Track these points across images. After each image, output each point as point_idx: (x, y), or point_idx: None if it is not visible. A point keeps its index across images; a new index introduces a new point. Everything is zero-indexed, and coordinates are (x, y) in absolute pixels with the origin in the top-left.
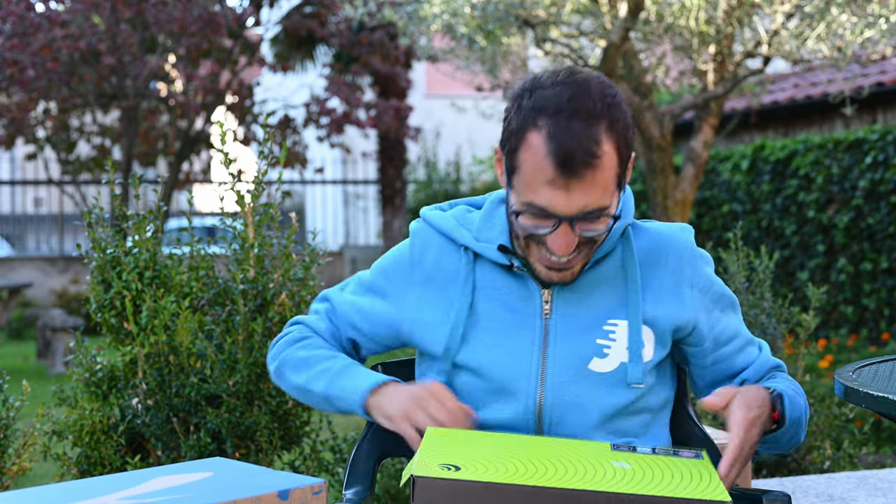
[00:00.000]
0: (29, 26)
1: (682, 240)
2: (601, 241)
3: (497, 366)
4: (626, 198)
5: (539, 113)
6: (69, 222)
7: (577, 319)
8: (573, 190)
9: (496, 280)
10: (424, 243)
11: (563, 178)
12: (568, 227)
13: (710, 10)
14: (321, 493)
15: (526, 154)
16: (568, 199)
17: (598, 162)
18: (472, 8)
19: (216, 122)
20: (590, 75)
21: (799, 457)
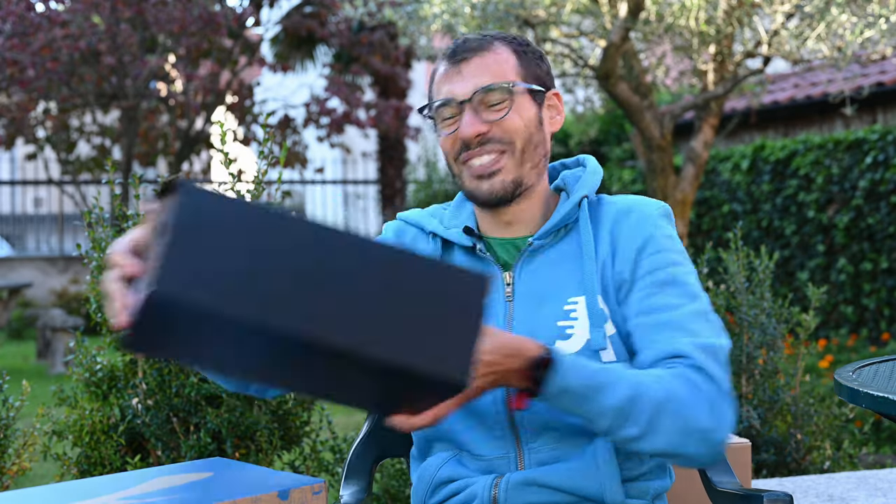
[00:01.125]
0: (29, 26)
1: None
2: (520, 142)
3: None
4: (585, 174)
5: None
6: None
7: (537, 301)
8: (463, 72)
9: (463, 264)
10: (398, 233)
11: (454, 66)
12: (471, 110)
13: (710, 10)
14: (321, 493)
15: (434, 75)
16: (461, 80)
17: (487, 50)
18: (472, 8)
19: (216, 122)
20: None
21: (799, 457)
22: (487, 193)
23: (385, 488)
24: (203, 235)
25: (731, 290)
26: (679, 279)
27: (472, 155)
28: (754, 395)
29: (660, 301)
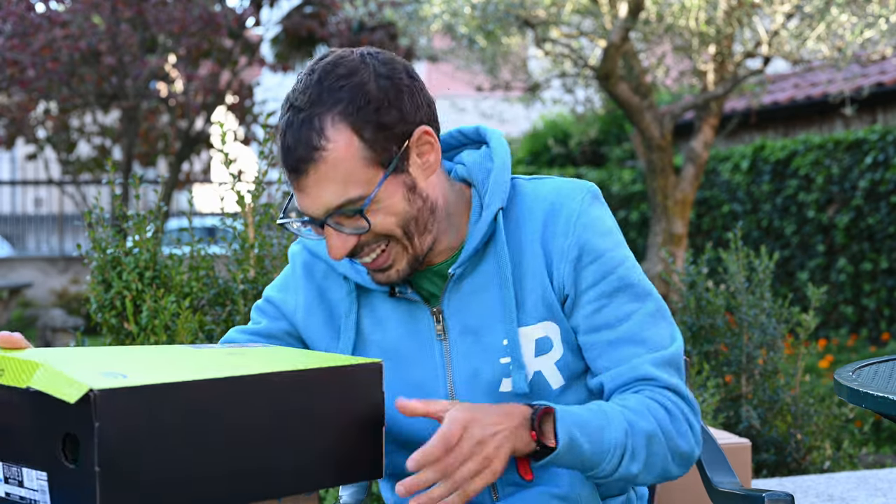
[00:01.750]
0: (29, 26)
1: (556, 200)
2: (399, 229)
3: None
4: (494, 168)
5: (281, 110)
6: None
7: (474, 338)
8: (307, 189)
9: (385, 306)
10: (307, 269)
11: (294, 179)
12: (330, 229)
13: (710, 10)
14: (312, 493)
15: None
16: (309, 200)
17: (321, 154)
18: (472, 8)
19: (216, 122)
20: (338, 55)
21: (799, 457)
22: (387, 282)
23: None
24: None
25: (731, 290)
26: (626, 281)
27: (354, 257)
28: (754, 395)
29: (611, 314)
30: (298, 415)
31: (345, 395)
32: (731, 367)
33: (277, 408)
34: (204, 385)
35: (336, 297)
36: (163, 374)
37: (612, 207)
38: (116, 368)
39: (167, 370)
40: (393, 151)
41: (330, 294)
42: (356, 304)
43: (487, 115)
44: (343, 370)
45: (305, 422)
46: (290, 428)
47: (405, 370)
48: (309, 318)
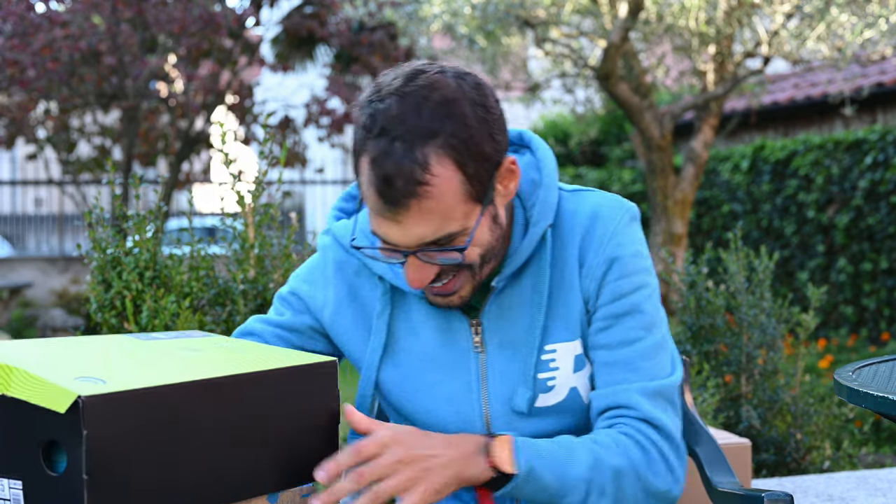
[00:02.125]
0: (29, 26)
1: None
2: (480, 262)
3: (434, 416)
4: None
5: (368, 134)
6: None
7: (512, 352)
8: (403, 222)
9: (419, 310)
10: (339, 265)
11: (388, 210)
12: (416, 260)
13: (709, 10)
14: (309, 495)
15: (361, 180)
16: (401, 231)
17: (426, 189)
18: (472, 8)
19: (216, 122)
20: (431, 80)
21: (799, 457)
22: (446, 306)
23: None
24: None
25: (731, 290)
26: (639, 307)
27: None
28: (754, 395)
29: (613, 336)
30: (265, 414)
31: (303, 395)
32: (731, 367)
33: (247, 409)
34: (181, 388)
35: (369, 295)
36: (139, 377)
37: None
38: (88, 371)
39: (141, 372)
40: (487, 184)
41: (362, 292)
42: (390, 306)
43: None
44: (302, 369)
45: (270, 422)
46: (255, 429)
47: (438, 380)
48: (337, 316)
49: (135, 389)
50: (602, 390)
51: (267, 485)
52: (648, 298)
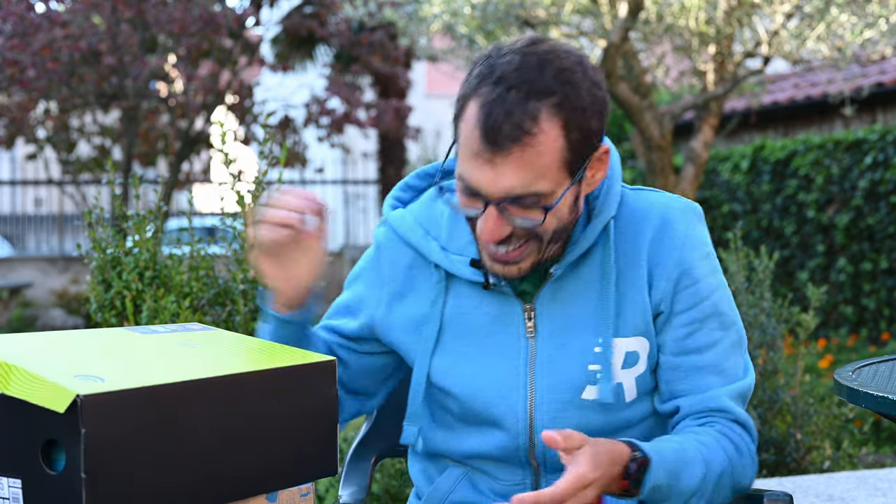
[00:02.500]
0: (29, 26)
1: (669, 215)
2: (551, 237)
3: (480, 399)
4: (605, 190)
5: (483, 80)
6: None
7: (563, 341)
8: (498, 166)
9: (473, 296)
10: (393, 258)
11: (488, 151)
12: (495, 211)
13: (709, 10)
14: (308, 494)
15: (462, 124)
16: (493, 176)
17: (531, 139)
18: (472, 8)
19: (216, 122)
20: (555, 47)
21: (799, 457)
22: (496, 275)
23: (385, 488)
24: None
25: (731, 290)
26: (717, 309)
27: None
28: (754, 395)
29: (699, 340)
30: (263, 414)
31: (303, 394)
32: None
33: (246, 408)
34: (180, 387)
35: (423, 286)
36: (138, 375)
37: None
38: (86, 368)
39: (140, 370)
40: (583, 160)
41: (416, 283)
42: (444, 294)
43: None
44: (302, 368)
45: (268, 422)
46: (255, 428)
47: (487, 363)
48: (389, 312)
49: (134, 388)
50: (696, 396)
51: (266, 484)
52: (724, 297)
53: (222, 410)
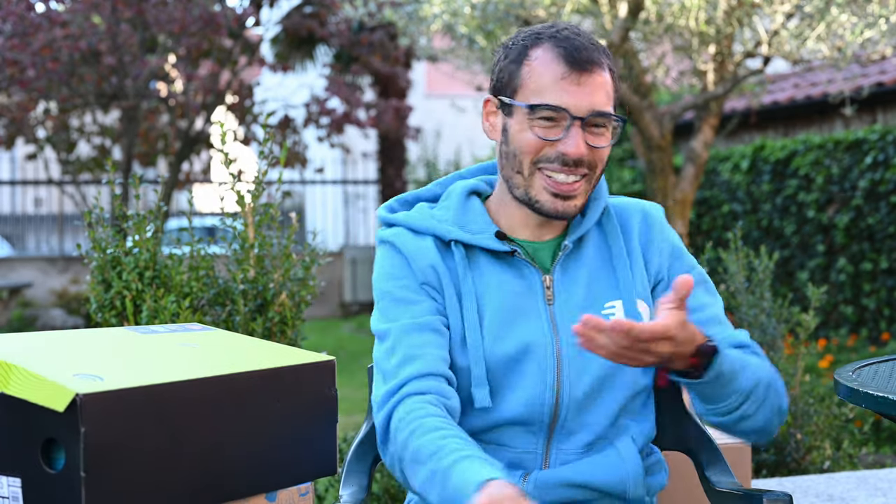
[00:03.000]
0: (29, 26)
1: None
2: (600, 170)
3: (514, 361)
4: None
5: (539, 34)
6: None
7: (577, 305)
8: (584, 85)
9: (493, 270)
10: (409, 250)
11: (575, 71)
12: (579, 128)
13: (710, 10)
14: (308, 494)
15: (532, 65)
16: (580, 93)
17: (604, 68)
18: (472, 8)
19: (216, 122)
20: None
21: (799, 457)
22: (556, 212)
23: (385, 488)
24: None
25: (731, 290)
26: (704, 277)
27: (559, 170)
28: None
29: (699, 300)
30: (263, 414)
31: (302, 394)
32: None
33: (246, 408)
34: (180, 387)
35: (449, 266)
36: (137, 374)
37: None
38: (86, 367)
39: (139, 369)
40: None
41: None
42: (469, 269)
43: None
44: (301, 368)
45: (268, 422)
46: (254, 427)
47: (519, 327)
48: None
49: (133, 387)
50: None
51: (266, 484)
52: (703, 273)
53: (222, 410)
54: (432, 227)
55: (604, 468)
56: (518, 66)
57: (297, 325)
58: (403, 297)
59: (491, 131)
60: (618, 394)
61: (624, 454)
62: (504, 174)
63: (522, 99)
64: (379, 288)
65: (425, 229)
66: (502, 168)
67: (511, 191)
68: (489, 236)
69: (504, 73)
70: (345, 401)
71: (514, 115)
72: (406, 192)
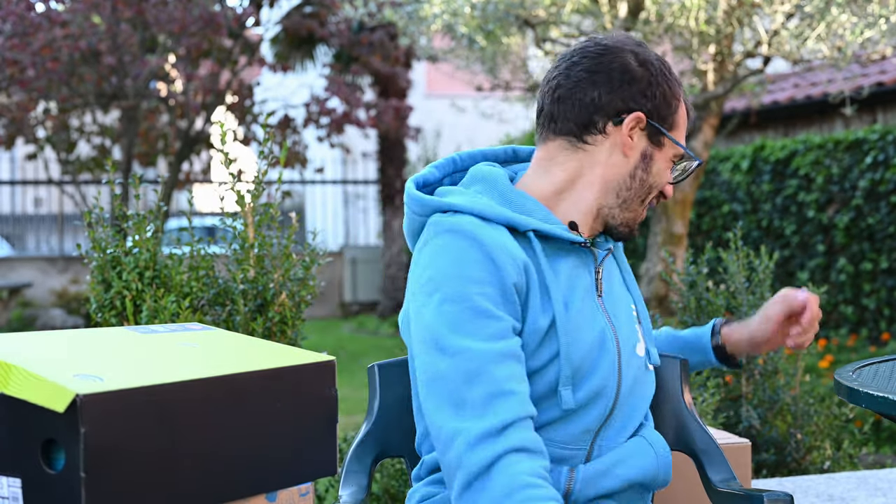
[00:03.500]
0: (29, 26)
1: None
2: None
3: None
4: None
5: (678, 82)
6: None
7: (615, 301)
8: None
9: (564, 261)
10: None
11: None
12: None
13: (710, 10)
14: (308, 494)
15: (681, 110)
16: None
17: None
18: (472, 8)
19: (216, 122)
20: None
21: (799, 457)
22: (629, 237)
23: (385, 488)
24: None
25: (731, 290)
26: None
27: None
28: (754, 395)
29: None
30: (263, 414)
31: (303, 394)
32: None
33: (246, 408)
34: (180, 387)
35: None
36: (137, 374)
37: None
38: (86, 368)
39: (139, 369)
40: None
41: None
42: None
43: (487, 115)
44: (301, 368)
45: (268, 422)
46: (254, 427)
47: (590, 323)
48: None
49: (133, 388)
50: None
51: (266, 484)
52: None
53: (222, 410)
54: (504, 215)
55: (642, 460)
56: (677, 102)
57: (297, 325)
58: (485, 310)
59: (628, 147)
60: (647, 388)
61: (656, 446)
62: (623, 195)
63: (677, 138)
64: (451, 289)
65: (497, 217)
66: (625, 188)
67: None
68: (563, 227)
69: (666, 101)
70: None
71: (664, 149)
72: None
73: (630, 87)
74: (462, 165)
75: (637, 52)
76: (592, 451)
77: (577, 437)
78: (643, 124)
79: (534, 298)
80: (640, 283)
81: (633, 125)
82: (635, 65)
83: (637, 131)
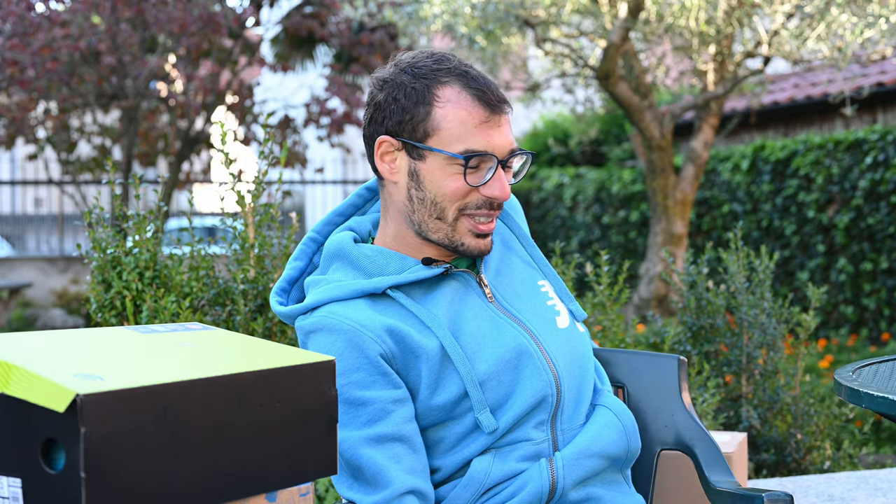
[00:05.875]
0: (29, 26)
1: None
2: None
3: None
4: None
5: (438, 73)
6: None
7: (517, 293)
8: (502, 126)
9: (437, 291)
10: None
11: (495, 114)
12: (502, 169)
13: (710, 10)
14: (308, 494)
15: (446, 108)
16: (500, 136)
17: (505, 99)
18: (472, 8)
19: (216, 122)
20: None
21: (799, 457)
22: (479, 252)
23: None
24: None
25: (731, 290)
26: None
27: (485, 214)
28: (754, 395)
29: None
30: (263, 414)
31: (302, 394)
32: (731, 367)
33: (245, 408)
34: (179, 387)
35: (390, 316)
36: (138, 374)
37: (612, 207)
38: (86, 367)
39: (140, 369)
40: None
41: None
42: (418, 303)
43: None
44: (301, 368)
45: (268, 421)
46: (254, 427)
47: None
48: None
49: (133, 387)
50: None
51: (266, 484)
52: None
53: (223, 409)
54: (358, 287)
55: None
56: (427, 108)
57: None
58: (355, 399)
59: (390, 173)
60: (582, 348)
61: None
62: (414, 218)
63: (439, 144)
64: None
65: (351, 294)
66: (411, 212)
67: (423, 234)
68: (419, 266)
69: (406, 114)
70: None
71: (428, 161)
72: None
73: (376, 113)
74: (323, 237)
75: (380, 77)
76: (556, 436)
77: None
78: (396, 146)
79: (414, 350)
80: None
81: (382, 151)
82: (377, 90)
83: (395, 153)
